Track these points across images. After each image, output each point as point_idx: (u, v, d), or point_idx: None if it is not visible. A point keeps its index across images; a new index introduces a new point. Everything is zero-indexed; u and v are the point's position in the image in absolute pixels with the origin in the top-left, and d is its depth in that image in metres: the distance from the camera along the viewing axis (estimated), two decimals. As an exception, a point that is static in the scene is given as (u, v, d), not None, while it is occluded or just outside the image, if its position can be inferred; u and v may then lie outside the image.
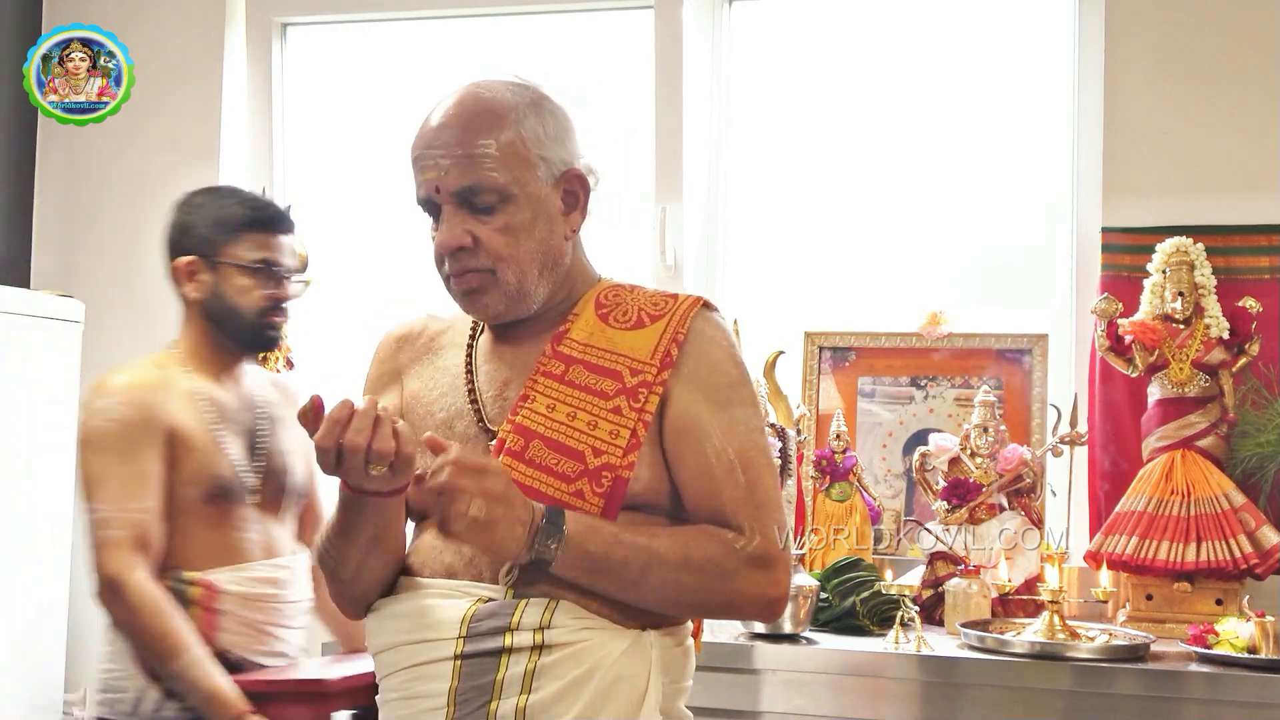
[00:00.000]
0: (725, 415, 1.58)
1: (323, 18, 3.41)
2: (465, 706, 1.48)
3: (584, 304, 1.66)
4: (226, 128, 3.36)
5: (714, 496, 1.55)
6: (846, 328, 2.98)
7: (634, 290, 1.69)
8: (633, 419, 1.55)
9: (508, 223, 1.57)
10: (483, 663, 1.48)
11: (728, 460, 1.55)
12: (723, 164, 3.18)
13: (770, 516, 1.56)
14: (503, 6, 3.27)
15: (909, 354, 2.93)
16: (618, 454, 1.54)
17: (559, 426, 1.56)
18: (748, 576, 1.53)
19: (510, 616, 1.49)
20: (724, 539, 1.53)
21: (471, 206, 1.57)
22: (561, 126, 1.63)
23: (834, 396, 2.95)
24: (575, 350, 1.61)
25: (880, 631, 2.46)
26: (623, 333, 1.62)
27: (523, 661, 1.47)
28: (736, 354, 1.65)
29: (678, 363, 1.59)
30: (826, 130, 3.18)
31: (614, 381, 1.58)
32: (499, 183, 1.56)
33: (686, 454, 1.56)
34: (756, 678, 2.34)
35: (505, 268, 1.58)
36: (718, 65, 3.18)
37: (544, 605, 1.49)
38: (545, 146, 1.60)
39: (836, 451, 2.81)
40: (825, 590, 2.53)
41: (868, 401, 2.95)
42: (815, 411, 2.92)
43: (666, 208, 3.08)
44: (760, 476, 1.57)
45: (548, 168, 1.60)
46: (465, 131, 1.57)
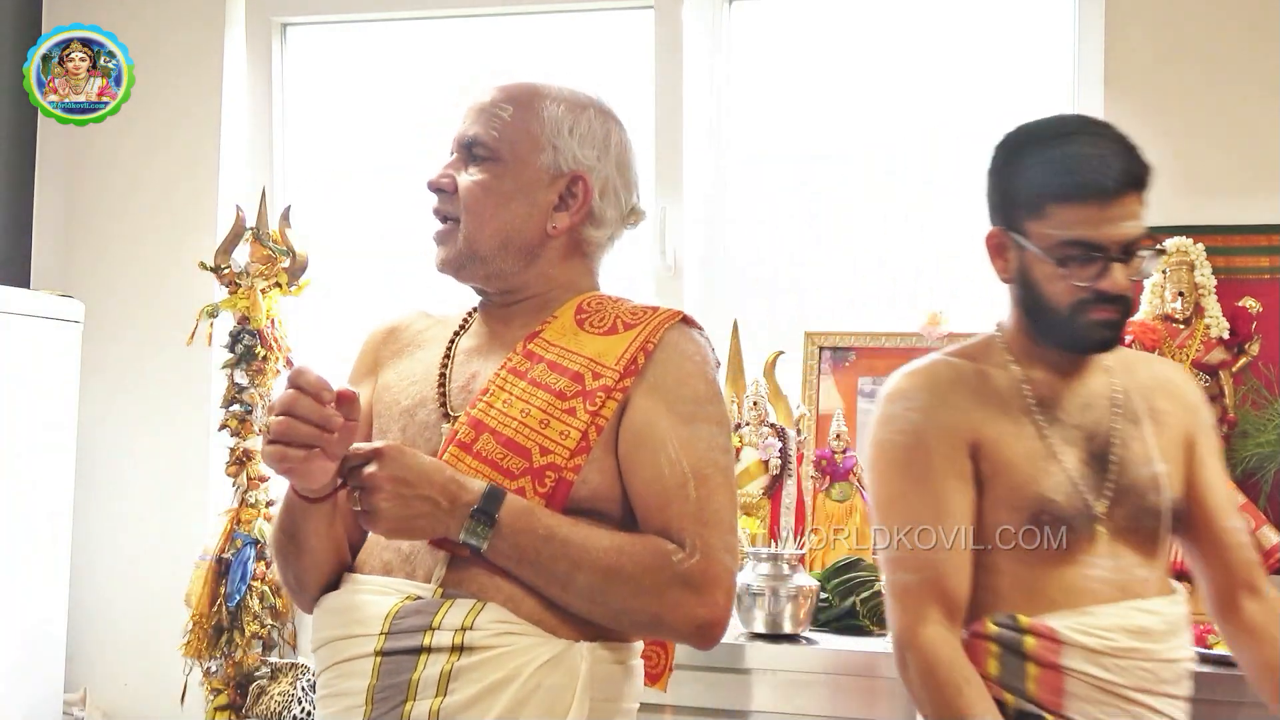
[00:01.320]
0: (686, 429, 1.54)
1: (323, 18, 3.41)
2: (382, 705, 1.45)
3: (565, 308, 1.65)
4: (226, 128, 3.36)
5: (662, 509, 1.51)
6: (846, 328, 2.98)
7: (619, 301, 1.68)
8: (585, 421, 1.53)
9: (487, 181, 1.62)
10: (400, 661, 1.46)
11: (681, 473, 1.51)
12: (723, 164, 3.18)
13: (717, 536, 1.50)
14: (503, 6, 3.27)
15: (909, 354, 2.91)
16: (564, 455, 1.52)
17: (510, 422, 1.54)
18: (676, 594, 1.46)
19: (433, 615, 1.46)
20: (663, 551, 1.48)
21: (469, 158, 1.65)
22: (594, 136, 1.67)
23: (834, 396, 2.95)
24: (543, 350, 1.60)
25: (880, 631, 2.46)
26: (594, 337, 1.60)
27: (440, 663, 1.44)
28: (709, 372, 1.62)
29: (644, 371, 1.57)
30: (827, 130, 3.18)
31: (573, 383, 1.56)
32: (494, 141, 1.62)
33: (640, 462, 1.53)
34: (756, 678, 2.34)
35: (467, 220, 1.63)
36: (718, 65, 3.18)
37: (469, 607, 1.47)
38: (562, 139, 1.64)
39: (836, 451, 2.81)
40: (825, 590, 2.53)
41: (868, 401, 2.95)
42: (815, 411, 2.92)
43: (666, 208, 3.08)
44: (713, 495, 1.52)
45: (555, 157, 1.64)
46: (495, 96, 1.65)
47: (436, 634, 1.45)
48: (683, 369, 1.59)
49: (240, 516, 3.02)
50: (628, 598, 1.47)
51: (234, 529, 3.00)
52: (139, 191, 3.39)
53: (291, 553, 1.58)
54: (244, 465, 3.03)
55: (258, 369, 3.03)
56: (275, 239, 3.08)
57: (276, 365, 3.07)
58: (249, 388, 3.03)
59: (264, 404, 3.04)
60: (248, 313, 3.03)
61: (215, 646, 2.96)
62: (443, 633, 1.45)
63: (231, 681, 2.95)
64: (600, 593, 1.47)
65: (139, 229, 3.38)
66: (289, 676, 2.82)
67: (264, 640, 2.99)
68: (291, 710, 2.69)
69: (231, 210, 3.12)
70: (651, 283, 3.08)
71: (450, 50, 3.37)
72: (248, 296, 3.03)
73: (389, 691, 1.45)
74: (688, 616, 1.48)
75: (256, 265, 3.06)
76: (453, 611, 1.46)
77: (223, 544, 3.00)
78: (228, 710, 2.94)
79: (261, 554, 3.00)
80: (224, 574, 2.98)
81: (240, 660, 2.95)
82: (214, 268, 3.06)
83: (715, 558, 1.49)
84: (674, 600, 1.47)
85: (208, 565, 3.00)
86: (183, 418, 3.29)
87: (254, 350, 3.02)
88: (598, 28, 3.31)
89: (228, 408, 3.04)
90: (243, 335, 3.03)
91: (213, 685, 2.98)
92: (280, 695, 2.73)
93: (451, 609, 1.47)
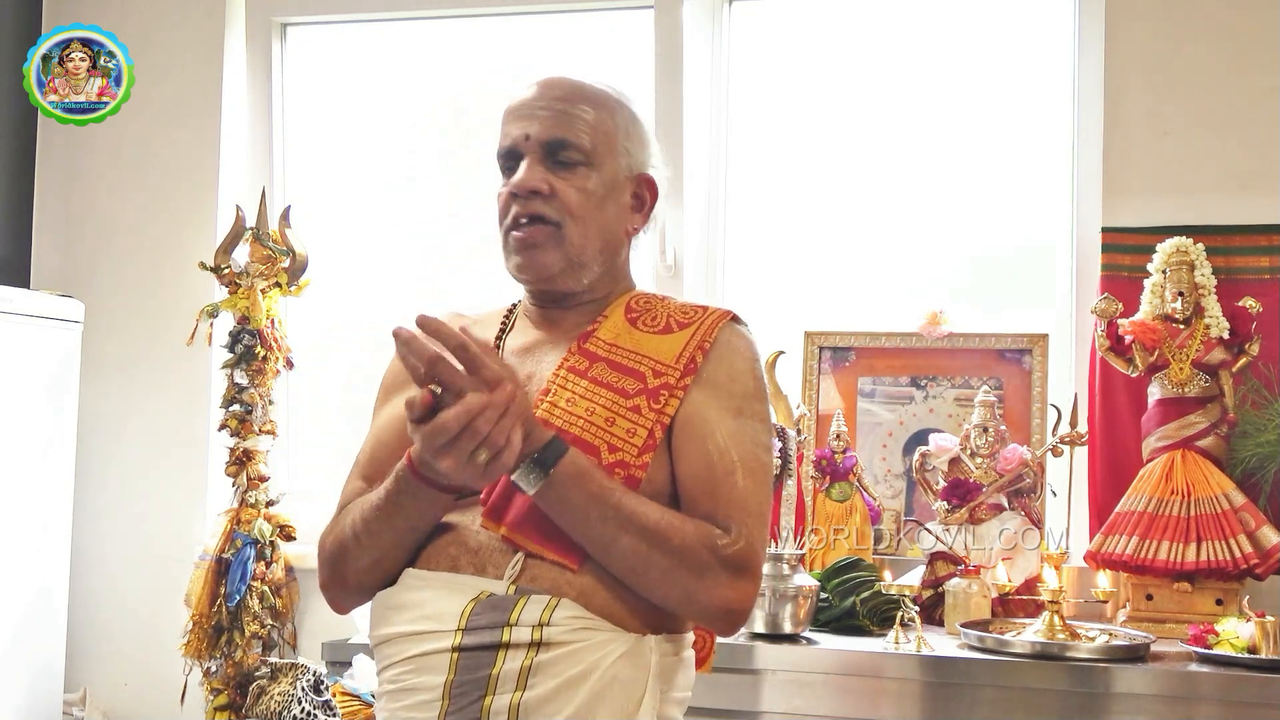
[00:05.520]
0: (735, 422, 1.58)
1: (323, 18, 3.41)
2: (460, 700, 1.47)
3: (614, 308, 1.68)
4: (226, 128, 3.36)
5: (710, 494, 1.54)
6: (846, 328, 2.98)
7: (665, 300, 1.71)
8: (651, 419, 1.56)
9: (585, 185, 1.62)
10: (479, 657, 1.47)
11: (730, 460, 1.55)
12: (723, 164, 3.18)
13: (759, 529, 1.55)
14: (503, 6, 3.27)
15: (909, 354, 2.93)
16: (633, 452, 1.54)
17: (577, 421, 1.56)
18: (718, 576, 1.50)
19: (510, 612, 1.48)
20: (709, 533, 1.51)
21: (555, 160, 1.62)
22: (644, 136, 1.71)
23: (834, 396, 2.95)
24: (601, 349, 1.62)
25: (880, 631, 2.46)
26: (650, 336, 1.63)
27: (519, 658, 1.46)
28: (758, 369, 1.66)
29: (700, 369, 1.60)
30: (827, 130, 3.18)
31: (636, 381, 1.59)
32: (586, 145, 1.62)
33: (689, 448, 1.56)
34: (757, 678, 2.34)
35: (572, 225, 1.61)
36: (718, 65, 3.18)
37: (544, 603, 1.49)
38: (631, 140, 1.67)
39: (836, 451, 2.81)
40: (825, 590, 2.54)
41: (868, 401, 2.95)
42: (815, 411, 2.92)
43: (666, 208, 3.08)
44: (758, 487, 1.57)
45: (628, 160, 1.67)
46: (569, 94, 1.64)
47: (515, 630, 1.47)
48: (734, 365, 1.63)
49: (240, 516, 3.02)
50: (668, 570, 1.49)
51: (234, 529, 3.00)
52: (139, 191, 3.39)
53: (376, 535, 1.55)
54: (244, 465, 3.04)
55: (258, 369, 3.03)
56: (275, 239, 3.08)
57: (276, 365, 3.07)
58: (249, 388, 3.03)
59: (263, 404, 3.04)
60: (248, 313, 3.03)
61: (215, 646, 2.96)
62: (520, 628, 1.47)
63: (231, 681, 2.95)
64: (642, 560, 1.49)
65: (139, 229, 3.38)
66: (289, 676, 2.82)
67: (264, 640, 2.99)
68: (291, 710, 2.69)
69: (231, 210, 3.12)
70: (651, 283, 3.07)
71: (450, 50, 3.37)
72: (248, 296, 3.03)
73: (467, 687, 1.47)
74: (720, 598, 1.51)
75: (256, 265, 3.06)
76: (529, 607, 1.48)
77: (223, 544, 3.00)
78: (228, 710, 2.94)
79: (261, 554, 3.00)
80: (224, 574, 2.98)
81: (240, 660, 2.95)
82: (214, 268, 3.06)
83: (756, 548, 1.53)
84: (711, 580, 1.50)
85: (208, 565, 3.00)
86: (183, 418, 3.29)
87: (254, 350, 3.02)
88: (598, 28, 3.31)
89: (228, 408, 3.04)
90: (243, 335, 3.03)
91: (213, 685, 2.98)
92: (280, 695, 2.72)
93: (527, 605, 1.49)
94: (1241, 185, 2.75)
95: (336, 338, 3.35)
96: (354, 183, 3.43)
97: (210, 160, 3.34)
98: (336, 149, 3.44)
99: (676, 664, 1.60)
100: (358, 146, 3.43)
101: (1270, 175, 2.73)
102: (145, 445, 3.32)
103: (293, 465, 3.35)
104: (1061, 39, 3.00)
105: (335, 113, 3.45)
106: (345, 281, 3.35)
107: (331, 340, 3.34)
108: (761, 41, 3.20)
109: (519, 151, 1.62)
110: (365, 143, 3.42)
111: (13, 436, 2.94)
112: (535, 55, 3.30)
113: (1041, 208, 3.03)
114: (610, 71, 3.28)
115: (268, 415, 3.05)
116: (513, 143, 1.63)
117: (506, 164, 1.65)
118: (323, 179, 3.44)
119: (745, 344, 1.66)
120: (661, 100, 3.12)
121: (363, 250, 3.40)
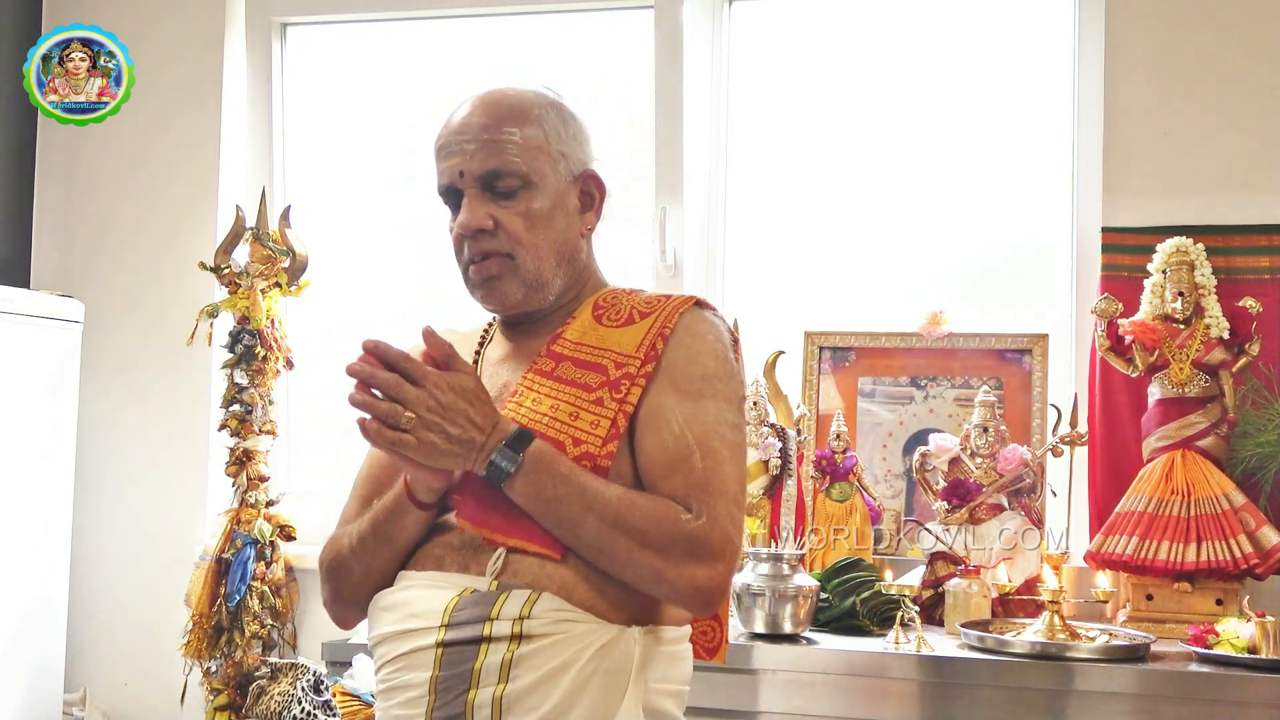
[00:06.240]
0: (692, 405, 1.58)
1: (323, 18, 3.41)
2: (445, 695, 1.49)
3: (583, 308, 1.69)
4: (226, 128, 3.36)
5: (667, 478, 1.54)
6: (846, 328, 2.98)
7: (632, 293, 1.72)
8: (613, 409, 1.57)
9: (528, 209, 1.63)
10: (462, 651, 1.50)
11: (686, 445, 1.55)
12: (723, 164, 3.18)
13: (722, 505, 1.53)
14: (503, 6, 3.27)
15: (909, 354, 2.93)
16: (597, 443, 1.55)
17: (541, 418, 1.58)
18: (680, 552, 1.50)
19: (491, 606, 1.50)
20: (672, 511, 1.52)
21: (494, 191, 1.63)
22: (580, 131, 1.70)
23: (834, 396, 2.95)
24: (567, 349, 1.64)
25: (880, 631, 2.46)
26: (613, 330, 1.65)
27: (500, 651, 1.48)
28: (721, 350, 1.65)
29: (661, 355, 1.61)
30: (827, 130, 3.18)
31: (598, 375, 1.60)
32: (521, 169, 1.62)
33: (646, 440, 1.57)
34: (756, 678, 2.34)
35: (524, 253, 1.63)
36: (718, 65, 3.18)
37: (525, 597, 1.51)
38: (565, 143, 1.66)
39: (836, 451, 2.81)
40: (825, 590, 2.54)
41: (868, 401, 2.95)
42: (815, 411, 2.92)
43: (666, 208, 3.08)
44: (719, 465, 1.56)
45: (567, 164, 1.66)
46: (491, 120, 1.63)
47: (495, 624, 1.49)
48: (693, 348, 1.63)
49: (240, 516, 3.02)
50: (633, 549, 1.50)
51: (234, 529, 3.01)
52: (139, 191, 3.39)
53: (372, 549, 1.62)
54: (244, 465, 3.04)
55: (258, 369, 3.03)
56: (275, 239, 3.08)
57: (276, 365, 3.07)
58: (249, 388, 3.03)
59: (263, 404, 3.04)
60: (248, 313, 3.03)
61: (215, 646, 2.96)
62: (501, 622, 1.49)
63: (231, 681, 2.95)
64: (608, 540, 1.50)
65: (139, 229, 3.38)
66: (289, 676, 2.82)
67: (264, 640, 2.99)
68: (291, 710, 2.69)
69: (231, 210, 3.12)
70: (651, 282, 3.07)
71: (450, 50, 3.37)
72: (248, 296, 3.03)
73: (451, 681, 1.49)
74: (688, 578, 1.50)
75: (256, 265, 3.06)
76: (509, 602, 1.50)
77: (223, 544, 3.00)
78: (227, 710, 2.94)
79: (261, 554, 3.00)
80: (224, 574, 2.98)
81: (240, 660, 2.95)
82: (214, 268, 3.06)
83: (720, 525, 1.52)
84: (676, 560, 1.50)
85: (208, 565, 3.00)
86: (183, 418, 3.29)
87: (254, 350, 3.02)
88: (598, 28, 3.31)
89: (228, 408, 3.04)
90: (243, 335, 3.03)
91: (212, 685, 2.98)
92: (280, 695, 2.72)
93: (508, 599, 1.51)
94: (1241, 185, 2.75)
95: (336, 338, 3.34)
96: (354, 183, 3.43)
97: (210, 160, 3.34)
98: (336, 149, 3.45)
99: (662, 655, 1.60)
100: (358, 146, 3.43)
101: (1270, 175, 2.73)
102: (145, 445, 3.32)
103: (293, 465, 3.35)
104: (1061, 39, 3.00)
105: (335, 113, 3.45)
106: (345, 281, 3.36)
107: (331, 340, 3.34)
108: (761, 41, 3.20)
109: (457, 189, 1.64)
110: (365, 143, 3.42)
111: (12, 436, 2.95)
112: (535, 55, 3.30)
113: (1041, 208, 3.03)
114: (610, 72, 3.29)
115: (268, 415, 3.06)
116: (449, 181, 1.64)
117: (449, 201, 1.67)
118: (323, 179, 3.44)
119: (707, 327, 1.66)
120: (661, 100, 3.12)
121: (363, 250, 3.40)
